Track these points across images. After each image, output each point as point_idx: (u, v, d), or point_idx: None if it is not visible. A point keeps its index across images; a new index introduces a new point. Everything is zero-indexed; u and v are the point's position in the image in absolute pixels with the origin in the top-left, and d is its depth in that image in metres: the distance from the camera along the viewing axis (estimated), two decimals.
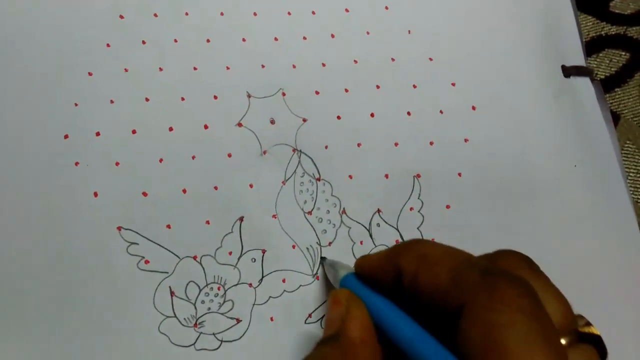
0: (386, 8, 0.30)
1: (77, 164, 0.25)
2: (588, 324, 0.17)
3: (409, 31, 0.30)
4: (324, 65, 0.29)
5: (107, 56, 0.27)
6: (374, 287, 0.20)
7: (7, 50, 0.26)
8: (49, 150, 0.25)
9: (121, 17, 0.28)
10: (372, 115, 0.28)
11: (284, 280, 0.25)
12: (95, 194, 0.25)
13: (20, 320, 0.23)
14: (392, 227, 0.27)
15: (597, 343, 0.17)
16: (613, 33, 0.35)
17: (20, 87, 0.26)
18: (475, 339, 0.14)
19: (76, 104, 0.26)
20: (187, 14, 0.28)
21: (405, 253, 0.18)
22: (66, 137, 0.25)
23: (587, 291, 0.27)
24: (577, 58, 0.32)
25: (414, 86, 0.29)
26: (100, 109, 0.26)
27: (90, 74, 0.27)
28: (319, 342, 0.18)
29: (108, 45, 0.27)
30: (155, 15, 0.28)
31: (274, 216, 0.26)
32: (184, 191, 0.26)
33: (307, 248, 0.26)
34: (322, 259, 0.25)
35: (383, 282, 0.19)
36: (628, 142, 0.33)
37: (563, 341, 0.16)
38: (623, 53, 0.34)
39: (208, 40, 0.28)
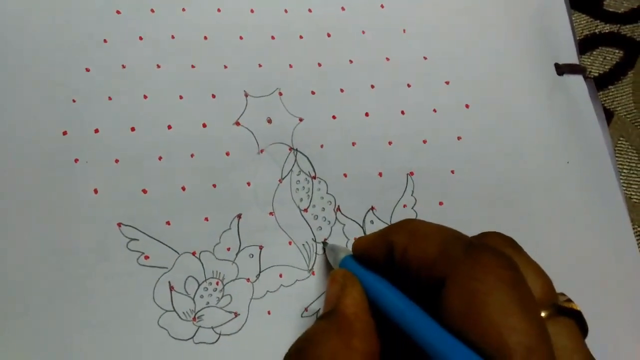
0: (382, 6, 0.30)
1: (76, 160, 0.25)
2: (569, 300, 0.18)
3: (404, 30, 0.30)
4: (319, 65, 0.29)
5: (104, 52, 0.27)
6: (369, 266, 0.21)
7: (3, 47, 0.26)
8: (47, 146, 0.25)
9: (118, 12, 0.28)
10: (366, 114, 0.29)
11: (280, 275, 0.26)
12: (95, 191, 0.25)
13: (20, 315, 0.23)
14: (386, 224, 0.27)
15: (577, 318, 0.17)
16: (606, 31, 0.35)
17: (17, 83, 0.26)
18: (456, 305, 0.15)
19: (74, 100, 0.26)
20: (184, 10, 0.28)
21: (397, 230, 0.19)
22: (64, 133, 0.26)
23: (580, 288, 0.27)
24: (570, 56, 0.32)
25: (408, 85, 0.29)
26: (98, 106, 0.26)
27: (87, 70, 0.27)
28: (318, 317, 0.19)
29: (105, 41, 0.27)
30: (152, 11, 0.28)
31: (270, 213, 0.27)
32: (183, 188, 0.26)
33: (303, 244, 0.26)
34: (324, 243, 0.25)
35: (377, 259, 0.20)
36: (621, 139, 0.33)
37: (543, 313, 0.16)
38: (616, 51, 0.35)
39: (205, 38, 0.28)
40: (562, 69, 0.32)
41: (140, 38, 0.28)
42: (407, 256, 0.18)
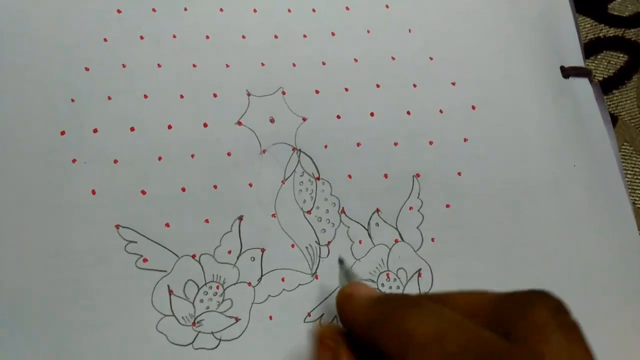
0: (387, 7, 0.30)
1: (74, 160, 0.25)
2: None
3: (410, 30, 0.30)
4: (324, 64, 0.28)
5: (105, 51, 0.27)
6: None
7: (2, 45, 0.26)
8: (46, 146, 0.25)
9: (119, 11, 0.27)
10: (371, 114, 0.28)
11: (282, 279, 0.25)
12: (93, 192, 0.25)
13: (17, 318, 0.23)
14: (392, 226, 0.27)
15: None
16: (611, 35, 0.35)
17: (16, 82, 0.25)
18: None
19: (73, 100, 0.26)
20: (186, 9, 0.28)
21: (389, 331, 0.16)
22: (63, 133, 0.25)
23: (585, 290, 0.27)
24: (576, 59, 0.32)
25: (414, 85, 0.29)
26: (97, 105, 0.26)
27: (87, 69, 0.26)
28: None
29: (105, 39, 0.27)
30: (154, 10, 0.28)
31: (273, 215, 0.26)
32: (183, 190, 0.25)
33: (306, 247, 0.26)
34: (340, 261, 0.24)
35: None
36: (625, 144, 0.33)
37: None
38: (621, 55, 0.34)
39: (207, 37, 0.28)
40: (567, 72, 0.31)
41: (141, 37, 0.27)
42: None
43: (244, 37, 0.28)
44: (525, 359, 0.13)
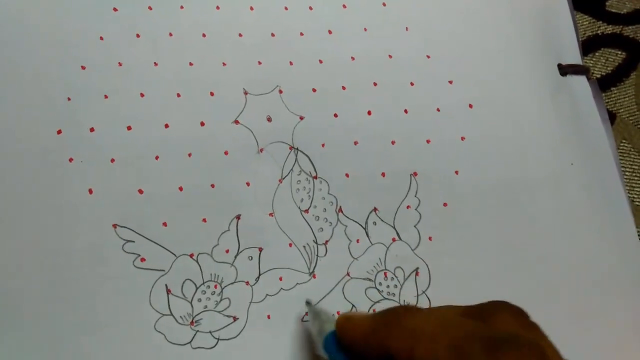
0: (383, 4, 0.30)
1: (71, 160, 0.25)
2: None
3: (407, 28, 0.30)
4: (320, 62, 0.28)
5: (101, 50, 0.27)
6: (353, 355, 0.19)
7: None
8: (42, 145, 0.25)
9: (115, 9, 0.27)
10: (369, 113, 0.28)
11: (280, 279, 0.25)
12: (90, 191, 0.25)
13: (14, 318, 0.23)
14: (389, 225, 0.27)
15: None
16: (609, 32, 0.35)
17: (12, 80, 0.25)
18: None
19: (69, 99, 0.26)
20: (182, 7, 0.28)
21: (395, 330, 0.17)
22: (59, 132, 0.25)
23: (583, 288, 0.27)
24: (574, 57, 0.32)
25: (411, 84, 0.29)
26: (94, 104, 0.26)
27: (83, 67, 0.26)
28: None
29: (101, 38, 0.27)
30: (150, 8, 0.28)
31: (270, 214, 0.26)
32: (180, 189, 0.25)
33: (304, 246, 0.26)
34: (307, 303, 0.24)
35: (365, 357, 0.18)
36: (624, 141, 0.33)
37: None
38: (619, 52, 0.34)
39: (204, 35, 0.28)
40: (565, 70, 0.31)
41: (138, 35, 0.27)
42: None
43: (240, 35, 0.28)
44: (527, 340, 0.14)
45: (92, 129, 0.25)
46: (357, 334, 0.19)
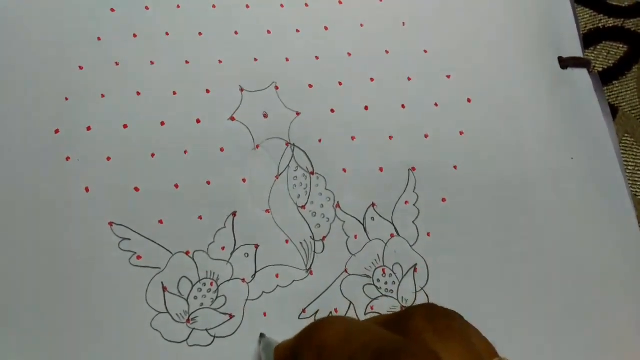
0: (380, 0, 0.30)
1: (68, 158, 0.25)
2: None
3: (403, 23, 0.30)
4: (317, 58, 0.28)
5: (98, 49, 0.27)
6: None
7: None
8: (39, 144, 0.25)
9: (112, 10, 0.28)
10: (366, 108, 0.28)
11: (277, 276, 0.25)
12: (87, 189, 0.25)
13: (10, 316, 0.23)
14: (387, 221, 0.27)
15: None
16: (610, 25, 0.34)
17: (9, 80, 0.25)
18: None
19: (66, 98, 0.26)
20: (178, 6, 0.28)
21: (305, 347, 0.18)
22: (57, 131, 0.25)
23: (584, 284, 0.27)
24: (575, 50, 0.31)
25: (409, 79, 0.29)
26: (91, 103, 0.26)
27: (80, 67, 0.26)
28: None
29: (99, 38, 0.27)
30: (147, 8, 0.28)
31: (267, 211, 0.26)
32: (176, 186, 0.25)
33: (301, 243, 0.26)
34: (261, 335, 0.24)
35: None
36: (626, 135, 0.33)
37: None
38: (621, 45, 0.34)
39: (200, 34, 0.28)
40: (566, 63, 0.31)
41: (135, 35, 0.27)
42: None
43: (236, 32, 0.28)
44: (415, 349, 0.15)
45: (89, 128, 0.26)
46: (280, 354, 0.20)
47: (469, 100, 0.29)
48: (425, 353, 0.15)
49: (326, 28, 0.29)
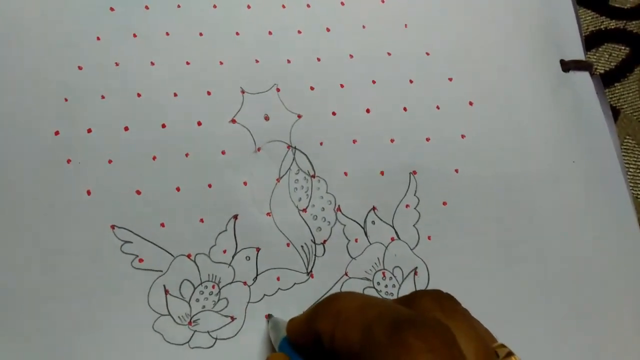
0: (382, 1, 0.30)
1: (68, 161, 0.25)
2: (510, 354, 0.17)
3: (405, 25, 0.30)
4: (318, 60, 0.28)
5: (98, 50, 0.26)
6: (302, 352, 0.20)
7: None
8: (39, 146, 0.25)
9: (111, 9, 0.27)
10: (367, 111, 0.28)
11: (278, 279, 0.25)
12: (88, 192, 0.25)
13: (12, 319, 0.23)
14: (388, 224, 0.27)
15: None
16: (612, 27, 0.34)
17: (9, 81, 0.25)
18: None
19: (66, 99, 0.26)
20: (179, 6, 0.28)
21: (322, 315, 0.18)
22: (57, 133, 0.25)
23: (585, 287, 0.27)
24: (577, 52, 0.31)
25: (411, 81, 0.29)
26: (91, 105, 0.26)
27: (80, 68, 0.26)
28: None
29: (98, 38, 0.27)
30: (147, 7, 0.28)
31: (268, 214, 0.26)
32: (178, 189, 0.25)
33: (302, 246, 0.26)
34: (269, 316, 0.24)
35: (307, 347, 0.19)
36: (628, 137, 0.33)
37: None
38: (623, 47, 0.34)
39: (201, 34, 0.28)
40: (568, 65, 0.31)
41: (134, 35, 0.27)
42: (334, 344, 0.17)
43: (237, 33, 0.28)
44: (429, 321, 0.16)
45: (89, 130, 0.25)
46: (296, 327, 0.20)
47: (470, 103, 0.29)
48: (438, 324, 0.16)
49: (328, 29, 0.29)
